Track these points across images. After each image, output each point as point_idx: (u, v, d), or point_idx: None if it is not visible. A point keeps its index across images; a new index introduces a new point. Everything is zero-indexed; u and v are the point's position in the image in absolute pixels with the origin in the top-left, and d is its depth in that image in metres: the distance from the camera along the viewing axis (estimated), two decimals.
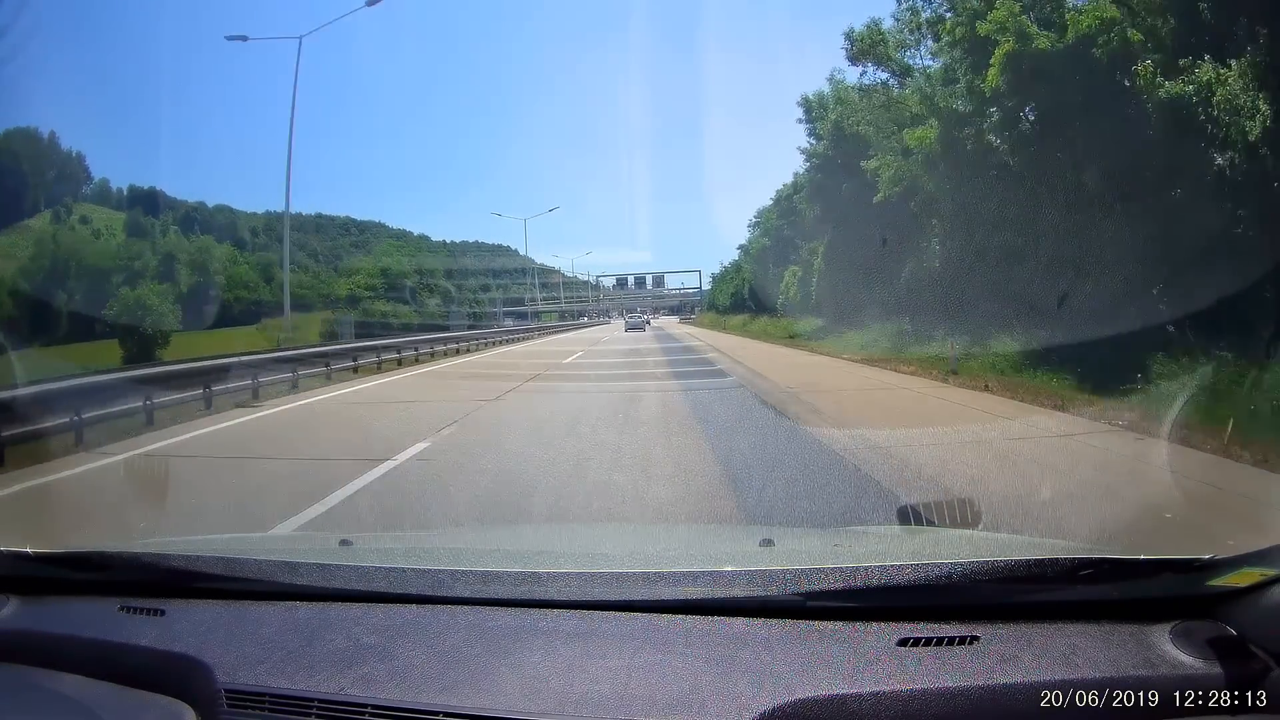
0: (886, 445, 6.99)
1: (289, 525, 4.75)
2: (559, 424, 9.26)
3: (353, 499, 5.54)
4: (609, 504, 5.32)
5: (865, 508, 4.96)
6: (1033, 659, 1.40)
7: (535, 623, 1.64)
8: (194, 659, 1.60)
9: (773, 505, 5.15)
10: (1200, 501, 5.01)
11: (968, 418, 8.79)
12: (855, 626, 1.52)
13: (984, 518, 3.38)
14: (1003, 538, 3.12)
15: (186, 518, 5.11)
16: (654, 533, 3.64)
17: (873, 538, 2.83)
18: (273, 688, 1.49)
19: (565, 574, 1.81)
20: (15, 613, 1.92)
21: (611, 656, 1.50)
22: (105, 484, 6.66)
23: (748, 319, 44.29)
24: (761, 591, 1.61)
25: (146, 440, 8.74)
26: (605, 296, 73.34)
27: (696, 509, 5.11)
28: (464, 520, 5.04)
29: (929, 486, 5.35)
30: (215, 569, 1.91)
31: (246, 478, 6.85)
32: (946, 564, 1.59)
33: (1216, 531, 4.26)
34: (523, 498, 5.51)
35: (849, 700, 1.35)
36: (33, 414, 7.88)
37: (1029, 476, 5.81)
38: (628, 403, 11.27)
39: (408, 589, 1.77)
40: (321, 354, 17.15)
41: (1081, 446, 7.07)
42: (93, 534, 4.83)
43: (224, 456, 7.88)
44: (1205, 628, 1.43)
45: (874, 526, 3.92)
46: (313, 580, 1.83)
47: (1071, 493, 5.27)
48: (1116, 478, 5.84)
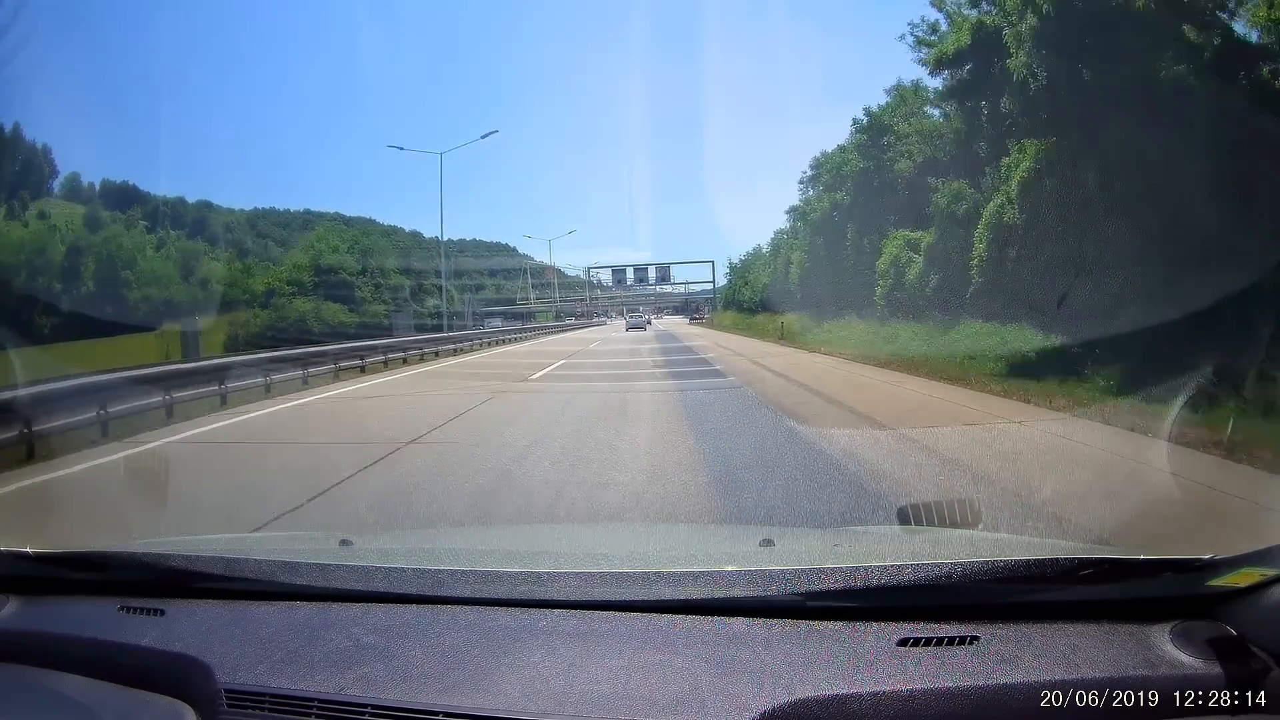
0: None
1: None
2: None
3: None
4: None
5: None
6: (1033, 659, 1.40)
7: (535, 623, 1.64)
8: (194, 659, 1.60)
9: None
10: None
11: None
12: (855, 626, 1.52)
13: (984, 517, 3.38)
14: (1002, 538, 3.12)
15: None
16: (654, 533, 3.63)
17: (873, 538, 2.83)
18: (273, 688, 1.49)
19: (565, 574, 1.81)
20: (15, 613, 1.92)
21: (611, 656, 1.50)
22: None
23: (803, 321, 28.40)
24: (761, 591, 1.61)
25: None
26: (602, 294, 71.16)
27: None
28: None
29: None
30: (215, 569, 1.92)
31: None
32: (946, 564, 1.60)
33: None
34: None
35: (849, 700, 1.35)
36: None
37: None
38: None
39: (408, 589, 1.77)
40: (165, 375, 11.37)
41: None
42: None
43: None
44: (1205, 628, 1.43)
45: (874, 527, 3.92)
46: (313, 580, 1.83)
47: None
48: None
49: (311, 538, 3.44)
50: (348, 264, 42.58)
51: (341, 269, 41.64)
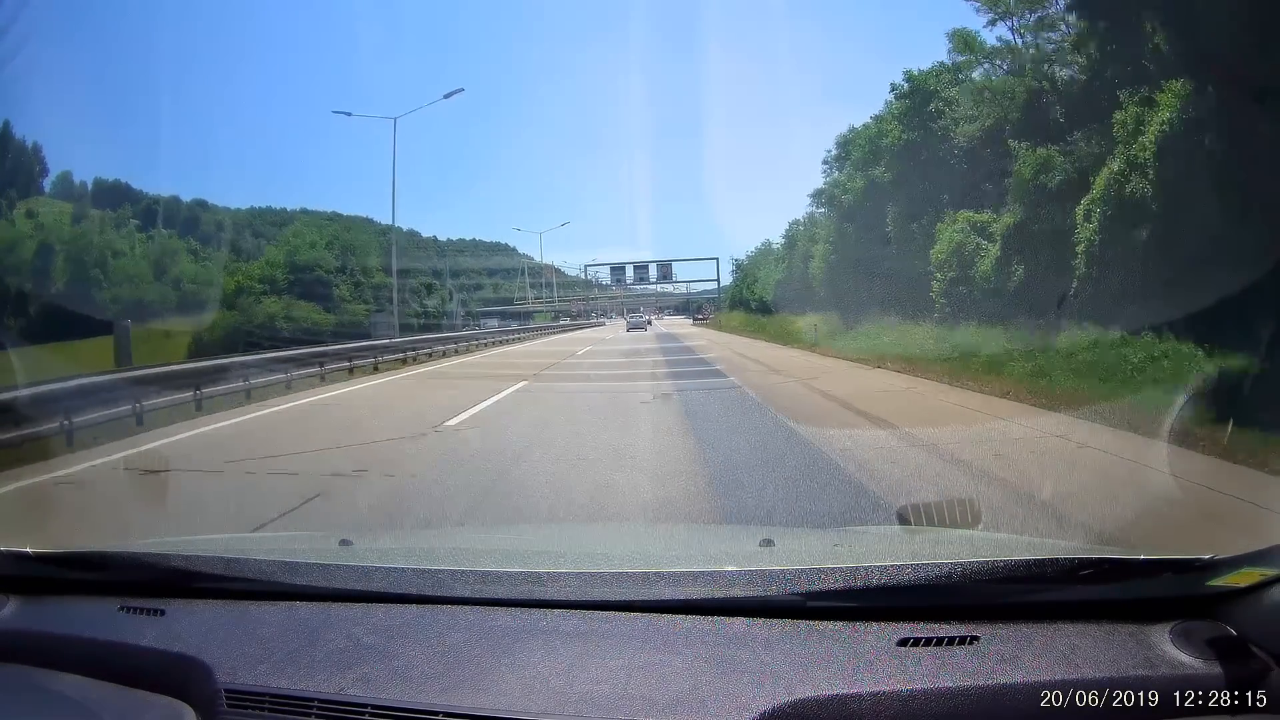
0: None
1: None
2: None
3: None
4: None
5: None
6: (1033, 659, 1.40)
7: (535, 623, 1.64)
8: (194, 659, 1.60)
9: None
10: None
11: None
12: (855, 626, 1.52)
13: (984, 518, 3.37)
14: (1002, 538, 3.12)
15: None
16: (654, 533, 3.63)
17: (873, 538, 2.83)
18: (273, 688, 1.49)
19: (565, 574, 1.81)
20: (15, 613, 1.92)
21: (611, 656, 1.50)
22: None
23: (830, 323, 23.03)
24: (761, 591, 1.61)
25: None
26: (600, 292, 70.12)
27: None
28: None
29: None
30: (215, 569, 1.91)
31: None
32: (946, 564, 1.60)
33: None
34: None
35: (849, 700, 1.35)
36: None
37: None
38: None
39: (408, 589, 1.77)
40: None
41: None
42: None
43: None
44: (1205, 628, 1.43)
45: (874, 527, 3.91)
46: (313, 580, 1.84)
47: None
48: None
49: (311, 538, 3.44)
50: (325, 260, 38.34)
51: (318, 266, 37.43)
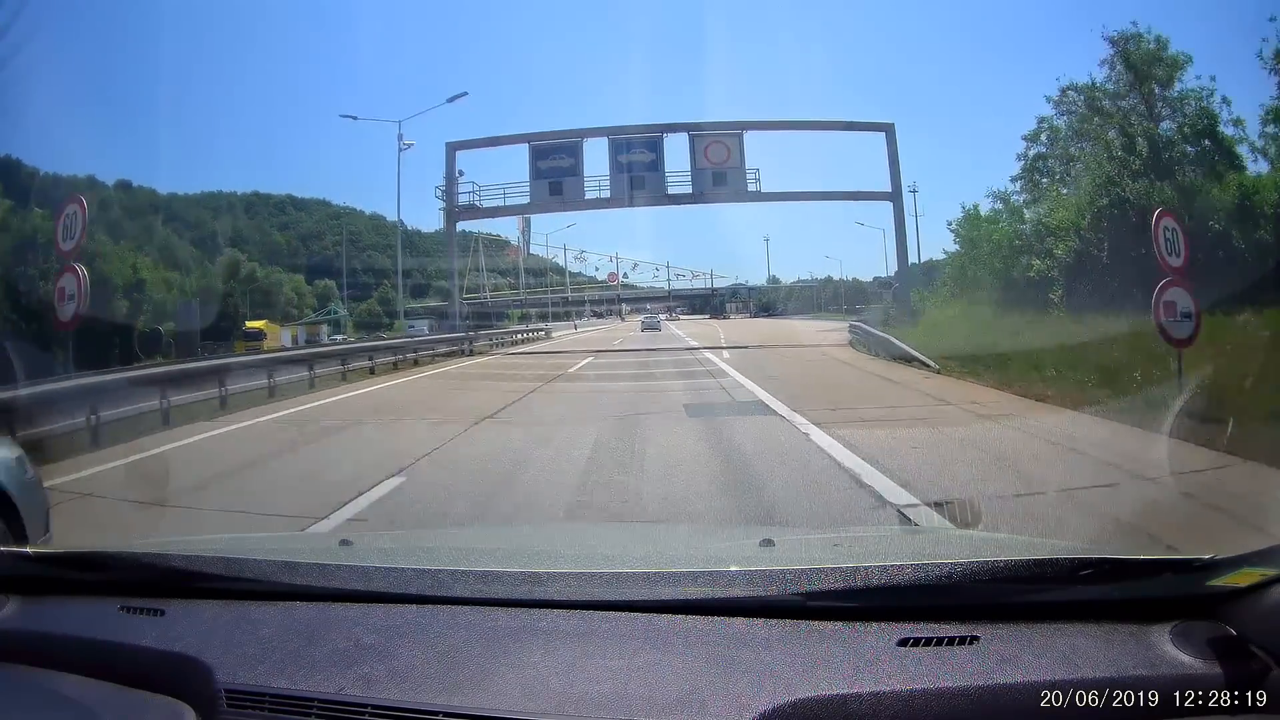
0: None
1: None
2: None
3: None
4: None
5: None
6: (1033, 659, 1.40)
7: (535, 623, 1.64)
8: (194, 659, 1.59)
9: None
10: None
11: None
12: (855, 626, 1.52)
13: (984, 517, 3.37)
14: (1002, 538, 3.12)
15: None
16: (654, 533, 3.63)
17: (873, 538, 2.83)
18: (273, 688, 1.49)
19: (565, 574, 1.81)
20: (15, 613, 1.92)
21: (611, 656, 1.49)
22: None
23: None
24: (761, 591, 1.61)
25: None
26: (589, 285, 65.49)
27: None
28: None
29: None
30: (215, 569, 1.92)
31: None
32: (946, 564, 1.60)
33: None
34: None
35: (849, 700, 1.34)
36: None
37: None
38: None
39: (408, 589, 1.77)
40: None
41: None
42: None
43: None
44: (1205, 628, 1.43)
45: (874, 527, 3.92)
46: (313, 580, 1.83)
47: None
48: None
49: (311, 538, 3.44)
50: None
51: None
